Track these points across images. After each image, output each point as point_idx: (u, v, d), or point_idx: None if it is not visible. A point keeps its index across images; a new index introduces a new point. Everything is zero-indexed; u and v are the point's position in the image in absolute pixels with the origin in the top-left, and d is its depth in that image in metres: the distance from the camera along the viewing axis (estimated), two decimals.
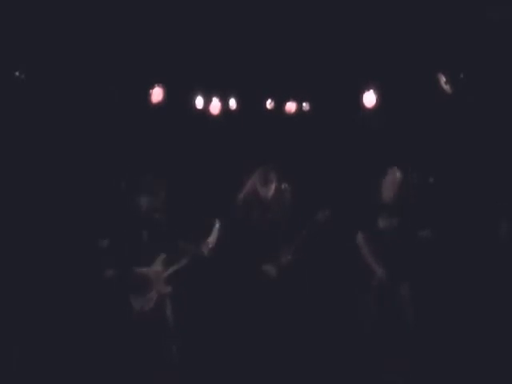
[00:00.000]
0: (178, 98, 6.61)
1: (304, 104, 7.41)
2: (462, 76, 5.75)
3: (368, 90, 6.39)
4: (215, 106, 7.05)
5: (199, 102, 6.91)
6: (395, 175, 5.02)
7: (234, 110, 7.20)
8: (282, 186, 5.01)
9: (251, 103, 7.20)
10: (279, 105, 7.36)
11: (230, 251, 4.97)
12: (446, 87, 5.78)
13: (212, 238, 4.80)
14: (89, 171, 5.91)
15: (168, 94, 6.33)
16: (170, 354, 4.61)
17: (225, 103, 7.11)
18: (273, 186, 4.95)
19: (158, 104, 6.31)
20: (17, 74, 5.40)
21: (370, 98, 6.42)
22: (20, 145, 5.49)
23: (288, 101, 7.35)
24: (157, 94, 6.28)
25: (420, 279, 5.08)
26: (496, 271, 5.14)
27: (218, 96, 7.03)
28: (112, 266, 4.48)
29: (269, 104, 7.37)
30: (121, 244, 4.52)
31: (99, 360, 4.62)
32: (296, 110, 7.40)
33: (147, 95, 6.25)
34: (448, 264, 5.53)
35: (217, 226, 4.84)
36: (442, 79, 5.80)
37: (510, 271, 5.10)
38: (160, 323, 4.56)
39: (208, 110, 7.03)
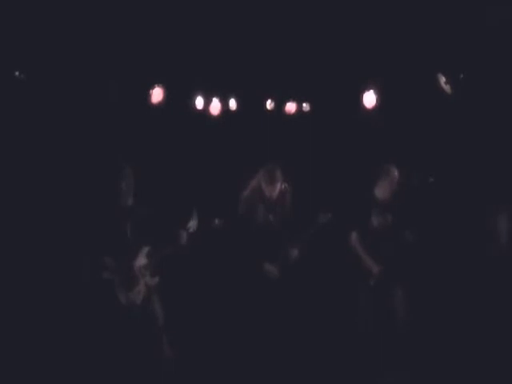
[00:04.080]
0: (178, 98, 6.61)
1: (304, 104, 7.42)
2: (462, 76, 5.75)
3: (368, 90, 6.40)
4: (215, 107, 7.05)
5: (199, 102, 6.91)
6: (393, 174, 5.00)
7: (234, 111, 7.20)
8: (283, 186, 4.99)
9: (251, 103, 7.20)
10: (279, 105, 7.37)
11: (232, 250, 4.96)
12: (446, 87, 5.78)
13: (192, 223, 4.68)
14: (89, 171, 5.90)
15: (168, 94, 6.33)
16: (161, 350, 4.58)
17: (225, 104, 7.11)
18: (278, 185, 4.89)
19: (158, 104, 6.31)
20: (17, 74, 5.40)
21: (369, 98, 6.42)
22: (20, 145, 5.49)
23: (288, 101, 7.35)
24: (157, 94, 6.28)
25: (415, 277, 5.09)
26: (494, 271, 5.13)
27: (218, 96, 7.03)
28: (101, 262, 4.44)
29: (269, 104, 7.37)
30: (105, 241, 4.47)
31: (90, 357, 4.59)
32: (296, 111, 7.40)
33: (147, 95, 6.25)
34: (444, 263, 5.54)
35: (195, 211, 4.72)
36: (442, 79, 5.80)
37: (507, 271, 5.10)
38: (151, 317, 4.54)
39: (208, 111, 7.03)
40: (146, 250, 4.55)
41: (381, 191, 5.02)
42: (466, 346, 4.89)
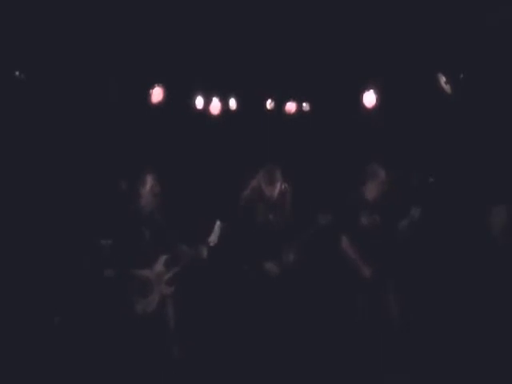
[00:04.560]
0: (178, 98, 6.61)
1: (304, 104, 7.42)
2: (462, 76, 5.75)
3: (368, 89, 6.39)
4: (215, 106, 7.05)
5: (199, 102, 6.91)
6: (380, 174, 4.99)
7: (234, 110, 7.20)
8: (283, 186, 5.00)
9: (251, 103, 7.20)
10: (279, 105, 7.37)
11: (233, 250, 4.96)
12: (446, 87, 5.78)
13: (213, 237, 4.72)
14: (89, 171, 5.91)
15: (168, 94, 6.33)
16: (171, 356, 4.58)
17: (225, 103, 7.11)
18: (278, 185, 4.91)
19: (158, 104, 6.31)
20: (17, 73, 5.40)
21: (369, 98, 6.42)
22: (20, 144, 5.49)
23: (288, 101, 7.36)
24: (157, 94, 6.28)
25: (407, 276, 5.08)
26: (487, 270, 5.13)
27: (218, 96, 7.03)
28: (114, 267, 4.45)
29: (269, 104, 7.37)
30: (123, 245, 4.47)
31: (101, 362, 4.60)
32: (296, 110, 7.41)
33: (147, 95, 6.25)
34: (437, 261, 5.53)
35: (218, 224, 4.76)
36: (442, 79, 5.80)
37: (502, 272, 5.09)
38: (162, 325, 4.53)
39: (208, 110, 7.03)
40: (164, 258, 4.54)
41: (369, 192, 5.01)
42: (464, 346, 4.89)
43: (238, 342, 4.97)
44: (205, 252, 4.64)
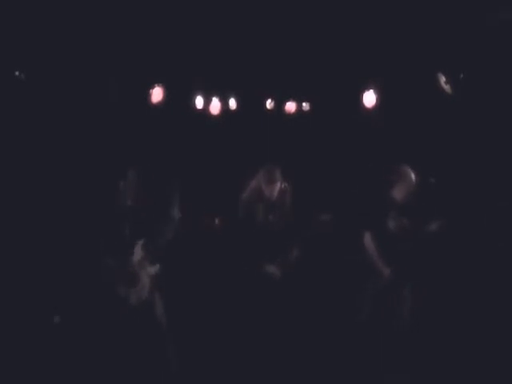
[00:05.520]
0: (178, 98, 6.61)
1: (304, 104, 7.42)
2: (462, 76, 5.76)
3: (368, 89, 6.40)
4: (215, 106, 7.06)
5: (199, 101, 6.91)
6: (409, 176, 4.94)
7: (234, 110, 7.20)
8: (283, 186, 4.99)
9: (251, 103, 7.20)
10: (279, 105, 7.37)
11: (233, 250, 4.97)
12: (446, 87, 5.79)
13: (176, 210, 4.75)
14: (89, 171, 5.91)
15: (168, 94, 6.34)
16: (165, 350, 4.59)
17: (225, 103, 7.12)
18: (278, 185, 4.90)
19: (158, 104, 6.31)
20: (17, 73, 5.40)
21: (369, 98, 6.42)
22: (20, 144, 5.49)
23: (288, 101, 7.36)
24: (157, 94, 6.28)
25: (428, 280, 5.05)
26: (502, 274, 5.11)
27: (217, 96, 7.03)
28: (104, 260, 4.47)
29: (269, 104, 7.38)
30: (108, 238, 4.50)
31: (93, 355, 4.60)
32: (296, 110, 7.41)
33: (147, 95, 6.26)
34: (456, 266, 5.51)
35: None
36: (442, 79, 5.80)
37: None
38: (153, 317, 4.55)
39: (208, 110, 7.03)
40: (140, 242, 4.56)
41: (398, 193, 4.94)
42: (468, 350, 4.88)
43: (238, 341, 4.97)
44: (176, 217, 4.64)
